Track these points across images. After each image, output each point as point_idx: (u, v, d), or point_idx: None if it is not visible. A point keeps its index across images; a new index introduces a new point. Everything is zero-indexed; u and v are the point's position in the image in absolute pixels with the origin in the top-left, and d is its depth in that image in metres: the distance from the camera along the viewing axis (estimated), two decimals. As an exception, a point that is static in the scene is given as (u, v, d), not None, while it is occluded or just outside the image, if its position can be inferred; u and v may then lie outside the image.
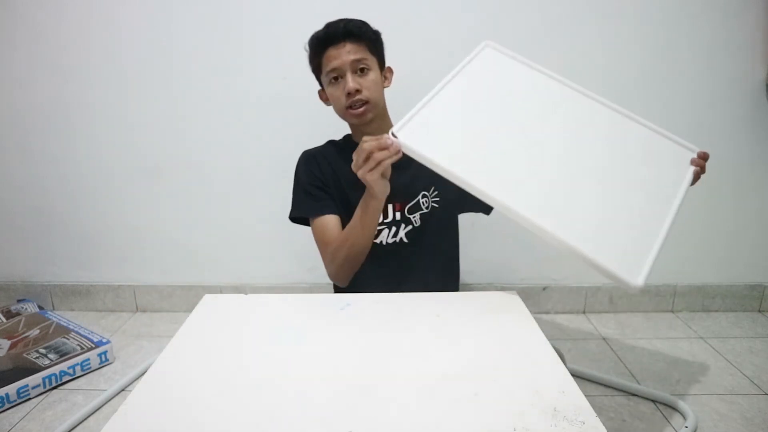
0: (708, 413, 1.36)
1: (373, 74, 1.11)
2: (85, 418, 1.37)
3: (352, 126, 1.19)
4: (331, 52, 1.09)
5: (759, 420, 1.34)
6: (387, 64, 1.20)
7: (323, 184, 1.16)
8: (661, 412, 1.38)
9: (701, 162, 1.02)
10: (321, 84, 1.18)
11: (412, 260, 1.16)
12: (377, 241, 1.14)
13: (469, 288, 1.85)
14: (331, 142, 1.24)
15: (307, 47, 1.15)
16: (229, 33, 1.74)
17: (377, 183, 0.94)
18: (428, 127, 0.94)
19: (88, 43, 1.77)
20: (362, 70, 1.10)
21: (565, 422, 0.58)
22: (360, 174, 0.93)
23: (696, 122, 1.80)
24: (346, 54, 1.08)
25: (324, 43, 1.10)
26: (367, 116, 1.11)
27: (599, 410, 1.34)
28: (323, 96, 1.19)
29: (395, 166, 1.04)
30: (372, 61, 1.12)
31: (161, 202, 1.91)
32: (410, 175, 1.09)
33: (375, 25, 1.18)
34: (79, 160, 1.88)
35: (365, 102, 1.09)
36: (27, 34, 1.76)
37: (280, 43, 1.73)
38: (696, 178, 1.01)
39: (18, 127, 1.85)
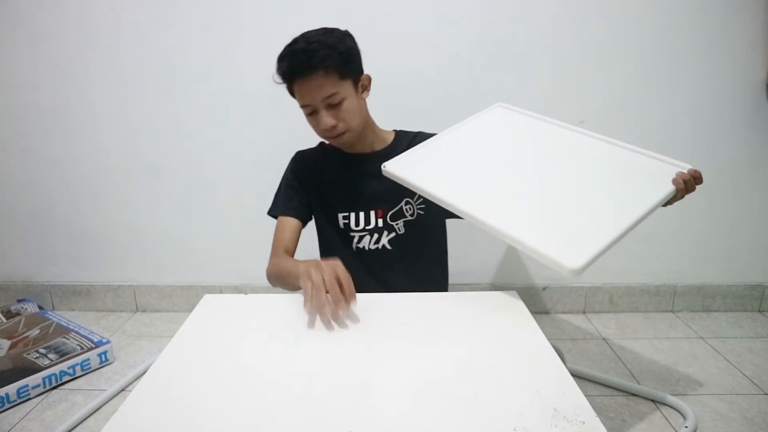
0: (708, 413, 1.36)
1: (348, 102, 1.05)
2: (85, 418, 1.37)
3: None
4: (299, 86, 1.04)
5: (759, 420, 1.34)
6: (365, 72, 1.12)
7: (300, 186, 1.18)
8: (661, 412, 1.38)
9: (686, 177, 0.95)
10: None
11: (396, 267, 1.16)
12: (360, 246, 1.15)
13: (469, 288, 1.85)
14: (321, 145, 1.24)
15: (276, 76, 1.09)
16: (229, 33, 1.74)
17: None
18: (417, 162, 1.06)
19: (88, 43, 1.77)
20: (335, 103, 1.04)
21: (565, 422, 0.58)
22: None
23: (696, 122, 1.80)
24: (315, 90, 1.02)
25: (289, 75, 1.05)
26: (347, 142, 1.11)
27: (599, 410, 1.34)
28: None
29: (376, 172, 1.05)
30: (345, 88, 1.04)
31: (161, 202, 1.91)
32: (392, 181, 1.08)
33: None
34: (79, 160, 1.88)
35: (342, 132, 1.08)
36: (27, 34, 1.76)
37: (280, 43, 1.73)
38: (680, 195, 0.96)
39: (18, 127, 1.85)
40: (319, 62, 1.01)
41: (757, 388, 1.47)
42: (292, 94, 1.10)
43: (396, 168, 1.05)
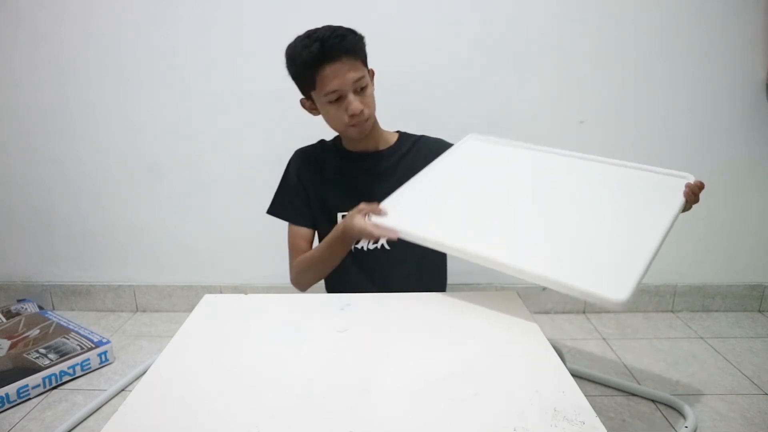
0: (708, 413, 1.36)
1: (370, 88, 1.09)
2: (85, 418, 1.37)
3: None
4: (328, 71, 1.02)
5: (759, 420, 1.34)
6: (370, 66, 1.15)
7: (302, 186, 1.18)
8: (661, 412, 1.38)
9: (695, 189, 0.96)
10: (308, 96, 1.12)
11: (393, 267, 1.16)
12: (358, 246, 1.15)
13: (469, 288, 1.85)
14: (322, 141, 1.24)
15: (292, 59, 1.08)
16: (228, 32, 1.74)
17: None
18: (408, 209, 0.99)
19: (88, 43, 1.77)
20: (362, 87, 1.06)
21: (565, 422, 0.58)
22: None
23: (696, 122, 1.80)
24: (346, 73, 1.02)
25: (319, 60, 1.02)
26: (367, 130, 1.11)
27: (599, 410, 1.34)
28: (307, 105, 1.13)
29: (378, 173, 1.05)
30: (367, 75, 1.08)
31: (161, 202, 1.91)
32: (394, 182, 1.08)
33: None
34: (79, 160, 1.88)
35: (367, 118, 1.08)
36: (27, 34, 1.76)
37: (280, 42, 1.73)
38: (688, 207, 0.98)
39: (18, 127, 1.85)
40: (350, 46, 1.03)
41: (757, 388, 1.47)
42: (311, 84, 1.06)
43: (389, 220, 0.97)
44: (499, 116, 1.80)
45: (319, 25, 1.11)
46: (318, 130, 1.29)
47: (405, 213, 0.97)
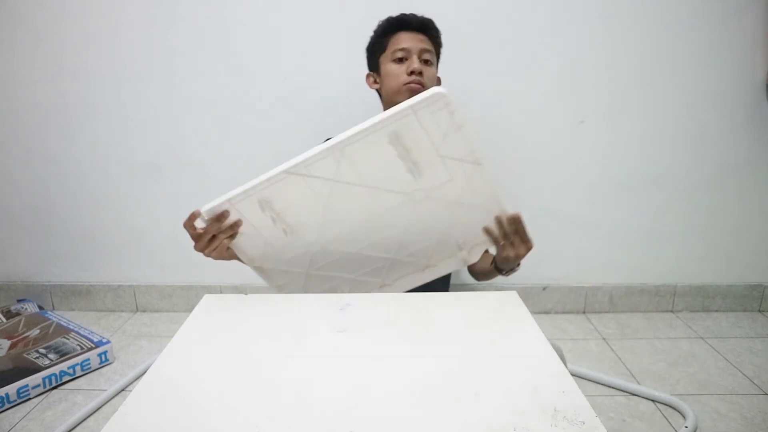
0: (708, 413, 1.36)
1: (434, 69, 1.19)
2: (85, 418, 1.37)
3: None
4: (404, 35, 1.15)
5: (759, 420, 1.34)
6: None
7: None
8: (661, 412, 1.38)
9: (499, 228, 0.93)
10: (374, 67, 1.21)
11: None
12: None
13: (469, 288, 1.85)
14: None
15: (375, 32, 1.21)
16: (229, 33, 1.74)
17: (224, 257, 0.95)
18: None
19: (88, 43, 1.77)
20: (426, 61, 1.16)
21: (565, 422, 0.58)
22: (206, 254, 0.93)
23: (696, 122, 1.80)
24: (418, 41, 1.15)
25: (398, 26, 1.17)
26: None
27: (599, 410, 1.34)
28: (370, 80, 1.24)
29: None
30: (435, 59, 1.19)
31: (161, 202, 1.91)
32: None
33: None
34: (79, 160, 1.88)
35: (422, 84, 1.13)
36: (27, 34, 1.76)
37: (280, 43, 1.73)
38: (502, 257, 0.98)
39: (18, 127, 1.85)
40: (431, 29, 1.19)
41: (757, 388, 1.47)
42: (382, 48, 1.18)
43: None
44: (498, 116, 1.80)
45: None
46: (318, 130, 1.29)
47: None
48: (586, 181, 1.86)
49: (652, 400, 1.42)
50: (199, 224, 0.89)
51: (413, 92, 1.11)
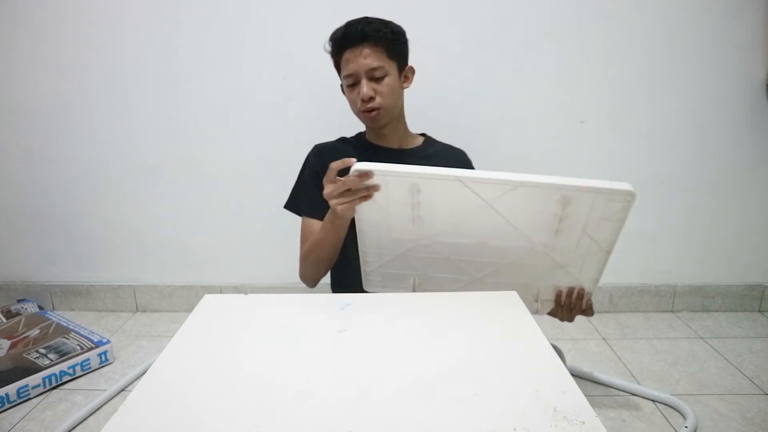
0: (708, 413, 1.36)
1: (389, 80, 1.10)
2: (85, 418, 1.37)
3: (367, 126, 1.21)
4: (348, 55, 1.09)
5: (759, 420, 1.34)
6: (410, 64, 1.19)
7: (320, 181, 1.17)
8: (661, 412, 1.38)
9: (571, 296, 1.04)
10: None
11: None
12: None
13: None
14: (342, 139, 1.24)
15: (327, 45, 1.14)
16: (229, 33, 1.75)
17: (347, 213, 0.94)
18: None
19: (88, 43, 1.77)
20: (376, 78, 1.09)
21: (565, 422, 0.58)
22: (333, 203, 0.93)
23: (696, 122, 1.80)
24: (362, 59, 1.07)
25: (341, 45, 1.10)
26: (380, 121, 1.12)
27: (599, 410, 1.34)
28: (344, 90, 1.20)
29: None
30: (390, 66, 1.10)
31: (161, 202, 1.91)
32: None
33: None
34: (79, 160, 1.88)
35: (378, 108, 1.10)
36: (27, 34, 1.76)
37: (280, 43, 1.73)
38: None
39: (18, 127, 1.85)
40: (372, 34, 1.08)
41: (757, 388, 1.47)
42: (338, 68, 1.14)
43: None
44: (499, 117, 1.80)
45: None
46: (318, 130, 1.29)
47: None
48: (586, 181, 1.86)
49: (652, 400, 1.42)
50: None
51: (372, 119, 1.12)
